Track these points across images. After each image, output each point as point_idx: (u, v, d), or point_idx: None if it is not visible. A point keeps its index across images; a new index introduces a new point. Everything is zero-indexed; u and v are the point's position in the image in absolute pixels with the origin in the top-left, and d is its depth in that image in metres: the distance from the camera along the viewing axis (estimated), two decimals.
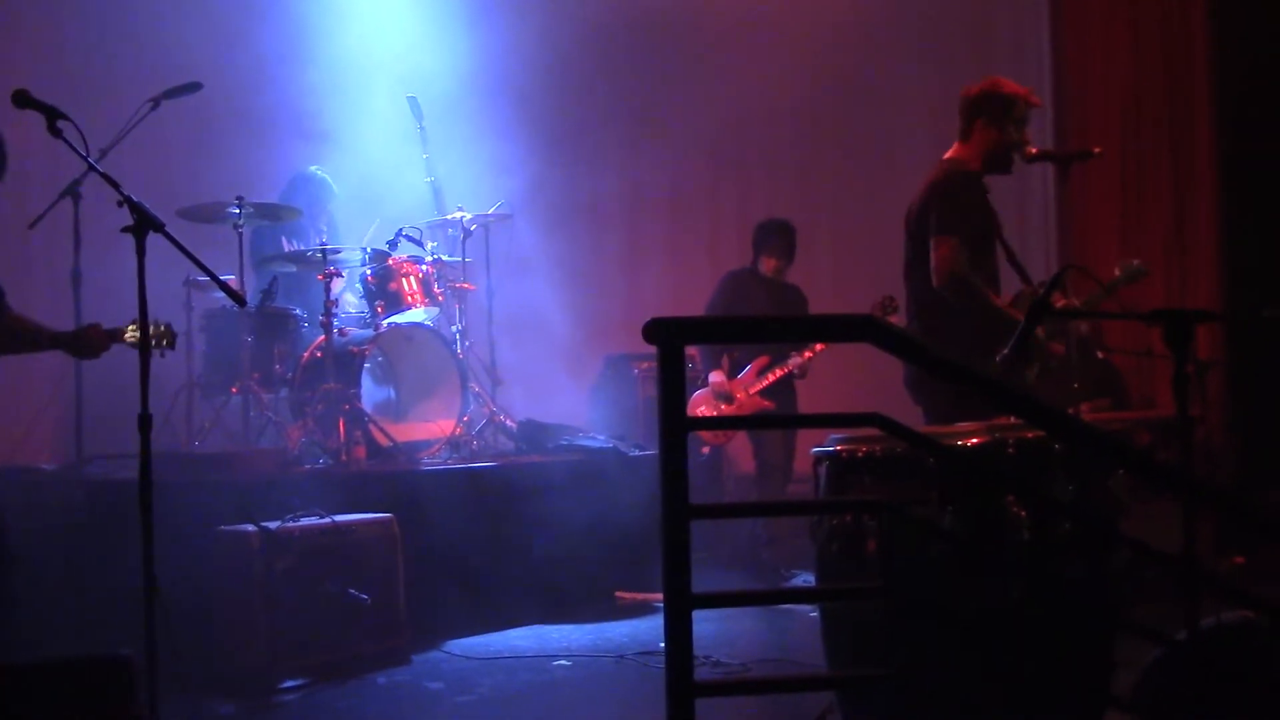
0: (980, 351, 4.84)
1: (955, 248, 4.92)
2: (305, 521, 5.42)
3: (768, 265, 7.87)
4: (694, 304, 8.29)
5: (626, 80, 9.60)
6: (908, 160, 8.81)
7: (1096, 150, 5.28)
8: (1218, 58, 8.61)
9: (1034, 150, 5.24)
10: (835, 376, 8.02)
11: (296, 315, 7.20)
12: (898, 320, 6.20)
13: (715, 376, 7.71)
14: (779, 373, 7.65)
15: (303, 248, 7.35)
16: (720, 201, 10.16)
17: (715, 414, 7.59)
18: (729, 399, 7.66)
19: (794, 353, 7.65)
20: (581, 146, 9.24)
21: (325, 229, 7.68)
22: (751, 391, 7.65)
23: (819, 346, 7.60)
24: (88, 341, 4.76)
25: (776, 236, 7.89)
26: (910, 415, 5.15)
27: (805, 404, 7.83)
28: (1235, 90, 8.54)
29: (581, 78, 9.34)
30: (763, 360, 7.67)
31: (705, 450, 8.14)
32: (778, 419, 7.99)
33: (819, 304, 8.06)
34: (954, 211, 4.97)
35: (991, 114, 5.17)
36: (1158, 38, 8.84)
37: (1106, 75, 9.07)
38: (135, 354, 4.06)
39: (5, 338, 4.69)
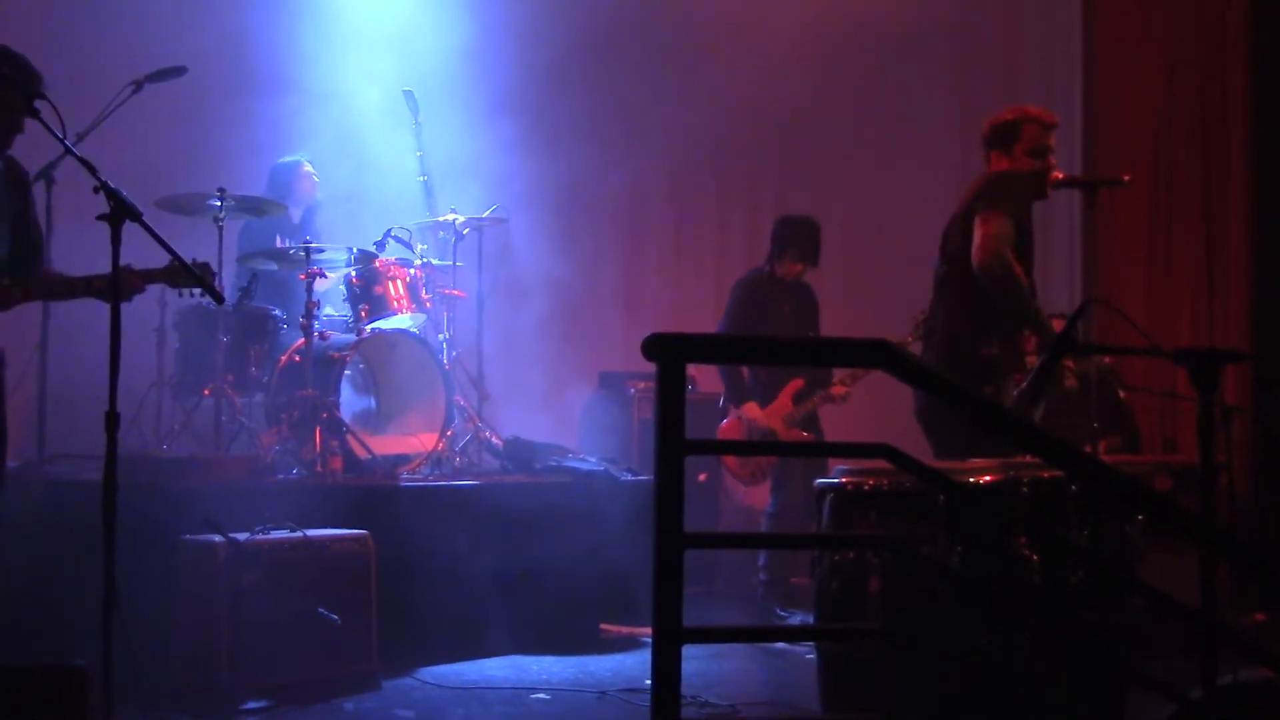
0: (1001, 384, 4.88)
1: (1006, 225, 4.92)
2: (275, 534, 5.41)
3: (791, 269, 7.43)
4: (697, 319, 8.30)
5: (631, 82, 9.59)
6: (930, 177, 8.85)
7: (1125, 178, 5.32)
8: (1255, 84, 8.64)
9: (1060, 175, 5.28)
10: (852, 403, 7.78)
11: (276, 316, 7.20)
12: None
13: (753, 410, 7.31)
14: (817, 401, 7.32)
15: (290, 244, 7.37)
16: (729, 211, 10.17)
17: None
18: (772, 436, 7.26)
19: (837, 379, 7.29)
20: (582, 150, 9.25)
21: (310, 224, 7.71)
22: (794, 422, 7.29)
23: (862, 373, 7.17)
24: (124, 285, 4.75)
25: (804, 237, 7.42)
26: (924, 448, 5.16)
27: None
28: (1273, 119, 8.56)
29: (584, 79, 9.35)
30: (797, 384, 7.34)
31: (703, 477, 8.12)
32: (781, 446, 7.90)
33: (830, 323, 7.80)
34: (1009, 192, 4.99)
35: (1000, 144, 5.23)
36: (1194, 62, 8.88)
37: (1138, 100, 9.10)
38: (105, 347, 4.05)
39: (42, 290, 4.96)
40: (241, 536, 5.28)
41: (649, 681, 2.79)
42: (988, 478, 3.68)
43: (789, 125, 9.81)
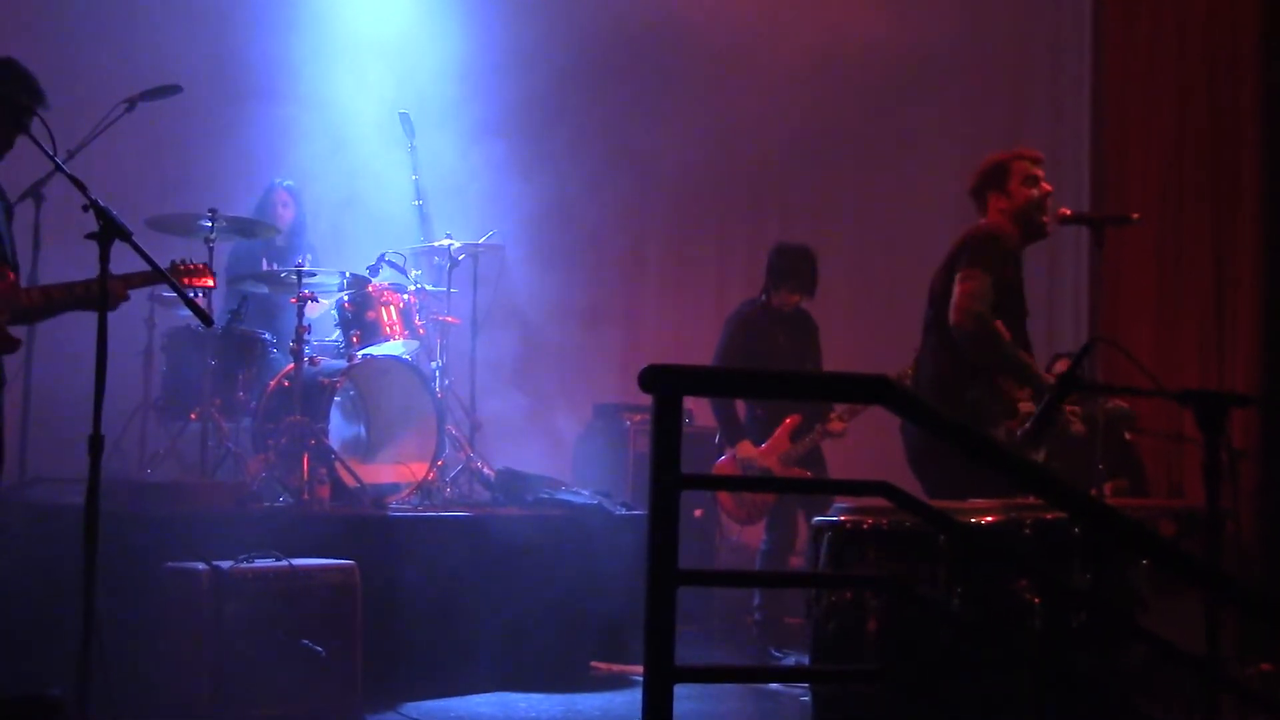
0: (988, 428, 4.89)
1: (984, 284, 4.95)
2: (260, 563, 5.39)
3: (789, 300, 7.35)
4: (695, 351, 8.28)
5: (631, 108, 9.60)
6: (934, 207, 8.88)
7: (1134, 216, 5.33)
8: (1267, 122, 8.67)
9: (1068, 212, 5.31)
10: (852, 439, 7.57)
11: (265, 340, 7.20)
12: None
13: (747, 450, 7.23)
14: (815, 438, 7.22)
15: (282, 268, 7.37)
16: (729, 240, 10.18)
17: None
18: (769, 475, 7.21)
19: (833, 413, 7.17)
20: (580, 176, 9.26)
21: (298, 244, 7.72)
22: (791, 460, 7.20)
23: (861, 408, 7.03)
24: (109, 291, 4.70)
25: (800, 267, 7.34)
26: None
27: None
28: None
29: (583, 104, 9.37)
30: (794, 420, 7.26)
31: (698, 513, 8.10)
32: (777, 483, 7.87)
33: (831, 356, 7.72)
34: (990, 250, 5.03)
35: (994, 185, 5.27)
36: (1204, 99, 8.91)
37: (1148, 137, 9.13)
38: (91, 367, 4.05)
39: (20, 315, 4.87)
40: (225, 565, 5.26)
41: None
42: (989, 518, 3.68)
43: (791, 152, 9.83)
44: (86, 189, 4.12)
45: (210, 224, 6.76)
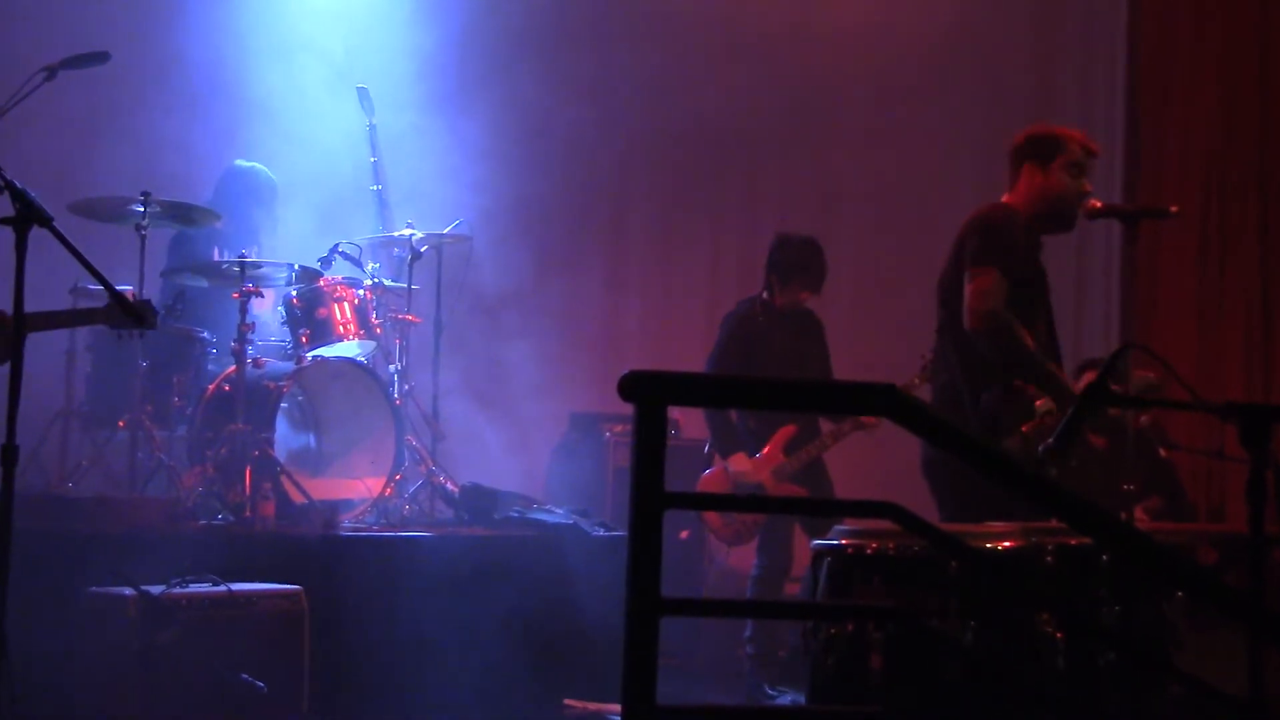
0: (1007, 438, 4.90)
1: (996, 281, 4.97)
2: (195, 588, 5.38)
3: (799, 297, 7.35)
4: (683, 356, 8.28)
5: (614, 86, 9.56)
6: (949, 201, 8.87)
7: (1173, 209, 5.33)
8: None
9: (1098, 204, 5.32)
10: (857, 453, 7.65)
11: (204, 339, 7.19)
12: None
13: (739, 463, 7.22)
14: (813, 451, 7.23)
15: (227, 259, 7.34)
16: (722, 232, 10.16)
17: None
18: (761, 492, 7.17)
19: (835, 424, 7.17)
20: (557, 160, 9.25)
21: (266, 237, 7.69)
22: (785, 475, 7.20)
23: (868, 420, 7.00)
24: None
25: (811, 261, 7.32)
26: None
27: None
28: None
29: (561, 81, 9.34)
30: (789, 431, 7.25)
31: (684, 534, 8.10)
32: (772, 502, 7.87)
33: (834, 360, 7.66)
34: (996, 242, 5.03)
35: (1037, 156, 5.27)
36: (1255, 79, 8.94)
37: (1189, 121, 9.15)
38: (3, 370, 4.04)
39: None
40: (156, 590, 5.25)
41: None
42: (1007, 543, 3.68)
43: (792, 135, 9.82)
44: (0, 169, 4.11)
45: (142, 209, 6.72)
